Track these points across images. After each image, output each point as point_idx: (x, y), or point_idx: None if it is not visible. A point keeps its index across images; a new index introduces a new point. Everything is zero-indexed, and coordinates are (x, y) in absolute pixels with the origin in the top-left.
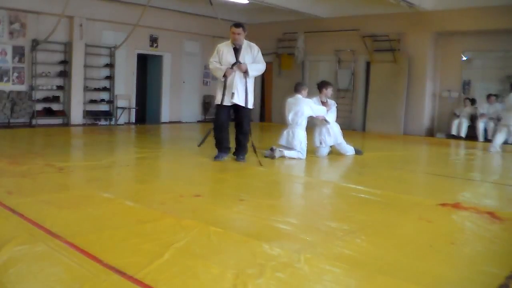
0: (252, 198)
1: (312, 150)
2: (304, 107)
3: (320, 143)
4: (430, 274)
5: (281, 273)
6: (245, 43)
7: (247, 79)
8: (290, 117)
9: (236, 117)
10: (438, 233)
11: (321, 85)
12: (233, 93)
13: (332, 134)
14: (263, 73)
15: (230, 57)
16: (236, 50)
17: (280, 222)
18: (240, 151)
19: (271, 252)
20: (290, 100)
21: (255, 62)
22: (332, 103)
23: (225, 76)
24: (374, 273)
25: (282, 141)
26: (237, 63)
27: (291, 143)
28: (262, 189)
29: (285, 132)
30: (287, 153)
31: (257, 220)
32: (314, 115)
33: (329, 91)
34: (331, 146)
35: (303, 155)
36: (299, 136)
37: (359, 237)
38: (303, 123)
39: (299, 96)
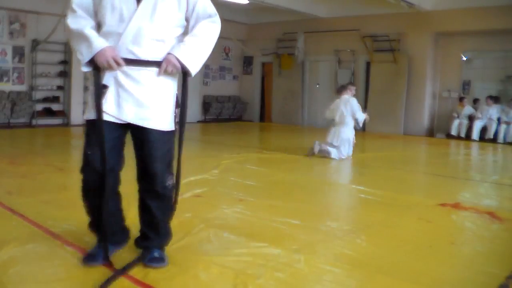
0: (252, 198)
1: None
2: (350, 106)
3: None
4: (430, 274)
5: (281, 273)
6: None
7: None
8: (337, 116)
9: (138, 150)
10: (438, 233)
11: (341, 89)
12: (118, 98)
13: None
14: (263, 73)
15: (125, 7)
16: None
17: (280, 222)
18: (152, 237)
19: (271, 252)
20: (336, 100)
21: (193, 23)
22: None
23: (96, 68)
24: (374, 273)
25: (329, 138)
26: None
27: (337, 141)
28: (262, 189)
29: (332, 130)
30: (330, 151)
31: (257, 220)
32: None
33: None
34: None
35: (343, 155)
36: (346, 134)
37: (359, 237)
38: (350, 122)
39: (346, 96)
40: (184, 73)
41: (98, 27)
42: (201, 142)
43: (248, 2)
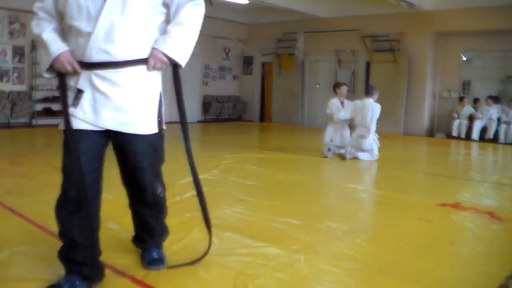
0: (252, 198)
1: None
2: (373, 113)
3: (331, 140)
4: (430, 274)
5: (281, 273)
6: None
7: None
8: (359, 119)
9: (122, 161)
10: (438, 233)
11: (335, 86)
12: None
13: (345, 136)
14: (263, 73)
15: (91, 3)
16: None
17: (280, 222)
18: (147, 240)
19: (271, 252)
20: (357, 102)
21: (174, 8)
22: (347, 104)
23: (61, 74)
24: (374, 273)
25: (353, 142)
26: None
27: (362, 145)
28: (262, 189)
29: (353, 134)
30: (360, 155)
31: (257, 220)
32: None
33: (342, 90)
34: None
35: (376, 156)
36: (371, 138)
37: (359, 237)
38: (373, 126)
39: (371, 100)
40: (174, 65)
41: (69, 28)
42: (201, 142)
43: (248, 2)
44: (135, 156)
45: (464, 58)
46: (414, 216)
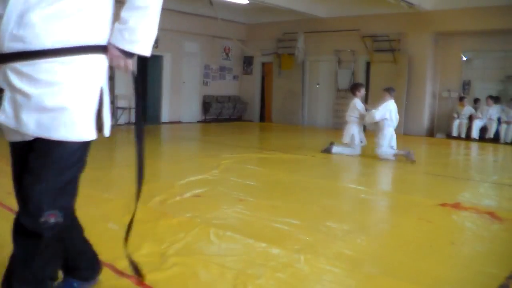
0: (252, 198)
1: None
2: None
3: (361, 141)
4: (430, 274)
5: (281, 273)
6: None
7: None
8: (394, 121)
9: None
10: (438, 233)
11: (355, 88)
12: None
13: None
14: (263, 73)
15: None
16: None
17: (280, 222)
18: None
19: (271, 252)
20: (393, 105)
21: None
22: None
23: None
24: (374, 273)
25: (393, 142)
26: None
27: (395, 143)
28: (262, 189)
29: (392, 134)
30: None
31: (257, 220)
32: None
33: (363, 91)
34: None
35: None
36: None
37: (359, 237)
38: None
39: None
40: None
41: None
42: (201, 142)
43: (248, 2)
44: (33, 155)
45: (464, 58)
46: (414, 216)
